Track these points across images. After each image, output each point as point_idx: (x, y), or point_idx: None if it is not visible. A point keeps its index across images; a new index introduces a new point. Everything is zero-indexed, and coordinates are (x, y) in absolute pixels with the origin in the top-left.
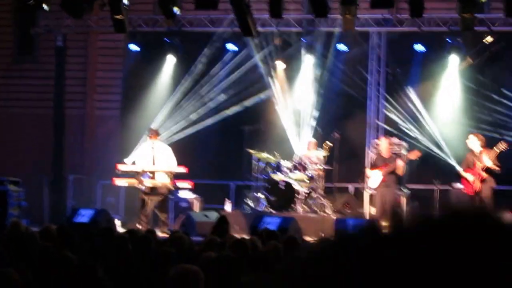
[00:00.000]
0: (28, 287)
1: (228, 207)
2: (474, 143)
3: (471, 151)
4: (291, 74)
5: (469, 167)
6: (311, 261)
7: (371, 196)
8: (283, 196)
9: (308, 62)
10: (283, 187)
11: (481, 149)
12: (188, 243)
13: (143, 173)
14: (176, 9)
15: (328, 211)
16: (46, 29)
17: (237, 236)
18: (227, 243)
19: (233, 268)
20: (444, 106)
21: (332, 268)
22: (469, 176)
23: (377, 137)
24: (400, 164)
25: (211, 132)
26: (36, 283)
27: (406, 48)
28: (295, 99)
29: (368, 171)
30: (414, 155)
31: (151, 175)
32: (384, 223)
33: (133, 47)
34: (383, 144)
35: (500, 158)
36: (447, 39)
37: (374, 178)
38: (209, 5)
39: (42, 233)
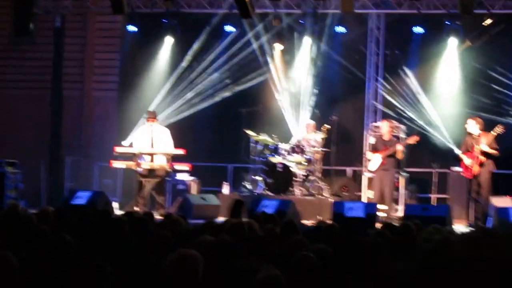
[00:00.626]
0: (24, 270)
1: (225, 189)
2: (473, 126)
3: (470, 134)
4: (289, 56)
5: (468, 151)
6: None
7: (369, 179)
8: (281, 178)
9: (306, 44)
10: (281, 170)
11: (480, 132)
12: (184, 226)
13: (140, 155)
14: None
15: (326, 194)
16: (45, 10)
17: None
18: (225, 226)
19: (231, 252)
20: (442, 89)
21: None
22: (467, 160)
23: (375, 120)
24: (399, 148)
25: (209, 114)
26: (32, 265)
27: (405, 31)
28: (293, 81)
29: (368, 154)
30: (413, 139)
31: (149, 157)
32: (380, 207)
33: (131, 28)
34: (384, 127)
35: (500, 141)
36: (446, 22)
37: (373, 161)
38: None
39: (39, 215)
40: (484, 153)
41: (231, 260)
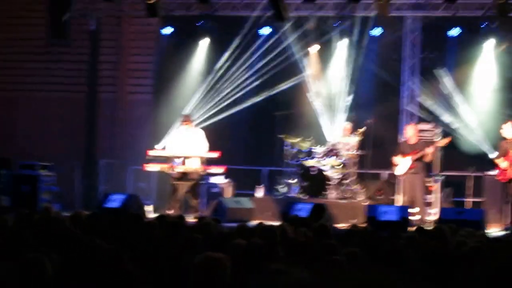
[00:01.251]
0: (56, 273)
1: (259, 193)
2: (508, 130)
3: (505, 138)
4: (324, 59)
5: (504, 155)
6: None
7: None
8: (315, 182)
9: (341, 47)
10: (315, 173)
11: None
12: (216, 229)
13: (174, 158)
14: None
15: (360, 197)
16: (80, 13)
17: (268, 222)
18: (256, 230)
19: (262, 255)
20: (479, 92)
21: None
22: (502, 163)
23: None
24: (429, 151)
25: (244, 117)
26: (63, 269)
27: (441, 33)
28: (328, 84)
29: (395, 158)
30: (444, 142)
31: (182, 160)
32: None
33: (166, 31)
34: (409, 131)
35: None
36: (483, 24)
37: (401, 165)
38: None
39: (72, 219)
40: None
41: (261, 263)
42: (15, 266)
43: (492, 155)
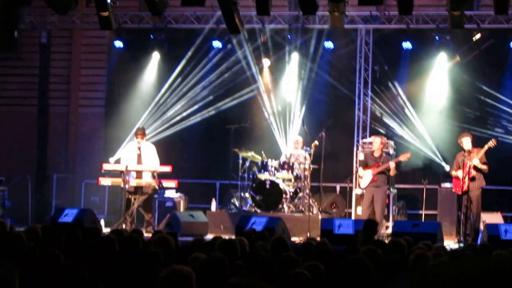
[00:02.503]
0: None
1: (214, 206)
2: (464, 142)
3: (461, 150)
4: (277, 72)
5: (459, 167)
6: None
7: (358, 196)
8: (269, 195)
9: (295, 60)
10: (269, 187)
11: (471, 147)
12: (174, 243)
13: (128, 172)
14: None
15: (315, 210)
16: (31, 26)
17: (224, 236)
18: (216, 243)
19: (222, 269)
20: (432, 104)
21: None
22: (459, 173)
23: (365, 136)
24: (392, 166)
25: (197, 130)
26: (23, 282)
27: (395, 46)
28: (281, 97)
29: (360, 171)
30: (405, 157)
31: (137, 174)
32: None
33: (118, 44)
34: (377, 143)
35: (490, 158)
36: (436, 37)
37: (365, 177)
38: (196, 2)
39: (27, 233)
40: (475, 169)
41: (224, 277)
42: None
43: (447, 168)
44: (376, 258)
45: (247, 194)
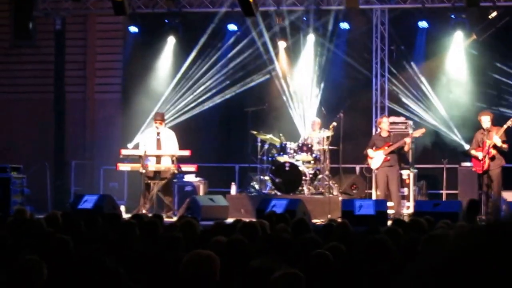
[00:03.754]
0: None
1: (233, 190)
2: (484, 120)
3: (480, 129)
4: (293, 54)
5: (479, 146)
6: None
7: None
8: (289, 177)
9: (310, 41)
10: (288, 169)
11: (490, 126)
12: (197, 227)
13: (146, 157)
14: None
15: (335, 192)
16: (45, 13)
17: (244, 219)
18: (236, 226)
19: (244, 251)
20: (449, 83)
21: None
22: (478, 154)
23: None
24: (408, 141)
25: (214, 114)
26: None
27: (410, 25)
28: (298, 79)
29: (370, 152)
30: (419, 132)
31: (155, 159)
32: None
33: (133, 29)
34: (384, 123)
35: (510, 136)
36: (452, 15)
37: (376, 158)
38: None
39: (47, 220)
40: (495, 147)
41: (245, 259)
42: (10, 269)
43: (467, 146)
44: (396, 238)
45: (266, 177)
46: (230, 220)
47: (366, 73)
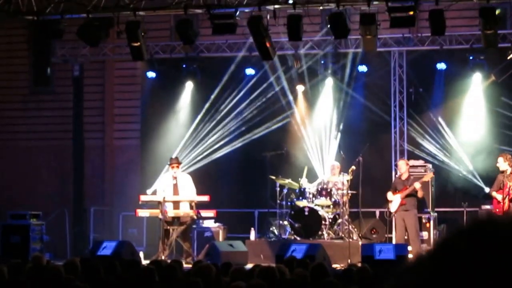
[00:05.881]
0: None
1: (253, 235)
2: (502, 163)
3: (502, 171)
4: (312, 98)
5: (500, 188)
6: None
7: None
8: (308, 222)
9: (329, 85)
10: (307, 213)
11: (506, 168)
12: (215, 273)
13: (165, 203)
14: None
15: (355, 236)
16: (63, 59)
17: (264, 264)
18: (255, 271)
19: None
20: (469, 125)
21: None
22: (498, 196)
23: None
24: (418, 187)
25: (233, 159)
26: None
27: (429, 67)
28: (317, 123)
29: (389, 195)
30: (428, 177)
31: (174, 204)
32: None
33: (151, 74)
34: (403, 166)
35: None
36: (470, 57)
37: (394, 202)
38: (227, 30)
39: (66, 266)
40: None
41: None
42: None
43: (487, 189)
44: None
45: (285, 222)
46: (249, 265)
47: (384, 116)
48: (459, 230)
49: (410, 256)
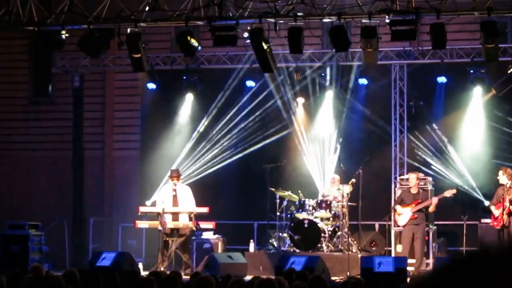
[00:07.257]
0: None
1: (252, 247)
2: (502, 177)
3: (501, 185)
4: (312, 110)
5: (499, 201)
6: None
7: (397, 233)
8: (308, 235)
9: (329, 97)
10: (307, 226)
11: (505, 182)
12: (215, 284)
13: (164, 214)
14: (194, 42)
15: (354, 249)
16: (63, 70)
17: (263, 277)
18: (254, 283)
19: None
20: (469, 139)
21: None
22: (496, 211)
23: (402, 173)
24: (435, 202)
25: (233, 171)
26: None
27: (429, 80)
28: (317, 135)
29: (398, 208)
30: (450, 192)
31: (173, 216)
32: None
33: (151, 86)
34: (413, 180)
35: None
36: (470, 71)
37: (404, 215)
38: (228, 42)
39: (66, 277)
40: None
41: None
42: None
43: (487, 203)
44: None
45: (285, 234)
46: (249, 277)
47: (385, 129)
48: (455, 259)
49: (409, 268)
